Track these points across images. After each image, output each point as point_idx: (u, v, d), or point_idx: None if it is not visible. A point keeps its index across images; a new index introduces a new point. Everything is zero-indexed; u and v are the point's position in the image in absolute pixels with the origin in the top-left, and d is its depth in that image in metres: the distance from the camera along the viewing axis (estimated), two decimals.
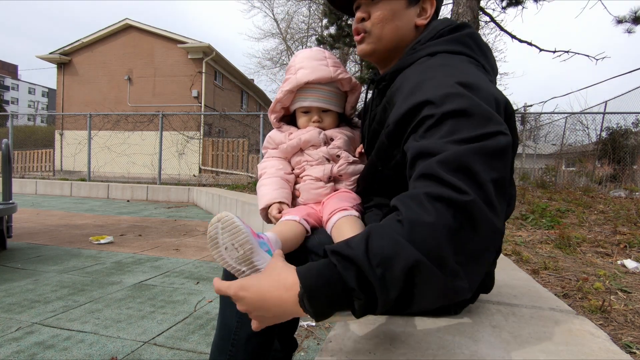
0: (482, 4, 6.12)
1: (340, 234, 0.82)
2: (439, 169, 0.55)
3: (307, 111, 1.02)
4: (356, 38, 0.93)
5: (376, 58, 0.93)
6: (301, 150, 1.02)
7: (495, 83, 0.90)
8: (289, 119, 1.10)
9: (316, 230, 0.93)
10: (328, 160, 1.00)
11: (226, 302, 0.92)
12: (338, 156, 1.00)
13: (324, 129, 1.02)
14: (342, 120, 1.08)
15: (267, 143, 1.10)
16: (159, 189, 8.55)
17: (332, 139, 1.00)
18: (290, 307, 0.56)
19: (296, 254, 0.86)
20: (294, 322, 1.23)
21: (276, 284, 0.58)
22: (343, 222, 0.85)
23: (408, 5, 0.88)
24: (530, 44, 6.15)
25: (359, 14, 0.91)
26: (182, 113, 10.76)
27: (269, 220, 1.02)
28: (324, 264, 0.55)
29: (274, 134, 1.08)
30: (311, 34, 19.29)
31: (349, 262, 0.52)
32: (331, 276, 0.53)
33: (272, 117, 1.08)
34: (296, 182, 1.05)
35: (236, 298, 0.60)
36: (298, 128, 1.06)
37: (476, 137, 0.58)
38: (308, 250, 0.86)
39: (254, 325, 0.62)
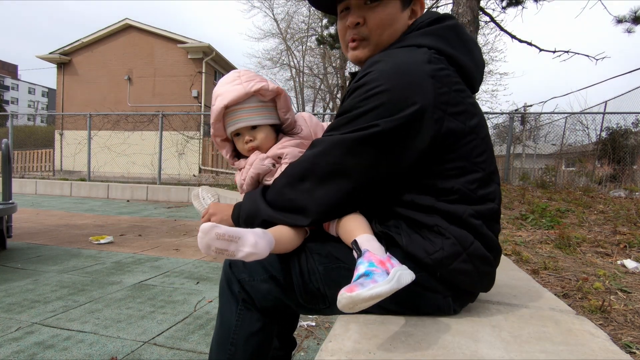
0: (482, 4, 6.12)
1: (346, 230, 0.82)
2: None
3: (239, 134, 0.98)
4: (351, 44, 0.91)
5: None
6: (260, 182, 0.97)
7: (479, 78, 0.91)
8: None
9: (316, 231, 0.93)
10: None
11: (225, 300, 0.92)
12: None
13: (262, 149, 0.97)
14: (280, 131, 1.02)
15: (240, 187, 1.05)
16: (159, 189, 8.55)
17: (279, 157, 0.95)
18: (229, 215, 0.95)
19: (297, 253, 0.86)
20: (294, 321, 1.24)
21: (225, 210, 0.97)
22: (346, 218, 0.85)
23: (402, 9, 0.88)
24: (530, 44, 6.16)
25: (352, 19, 0.88)
26: (182, 113, 10.77)
27: None
28: (239, 207, 0.94)
29: (237, 180, 1.03)
30: (311, 34, 19.31)
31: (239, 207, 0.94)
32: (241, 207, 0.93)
33: (225, 155, 1.04)
34: None
35: (212, 210, 0.97)
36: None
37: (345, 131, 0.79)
38: (308, 250, 0.87)
39: (208, 219, 0.96)
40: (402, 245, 0.80)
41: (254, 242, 0.72)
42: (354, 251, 0.77)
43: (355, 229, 0.81)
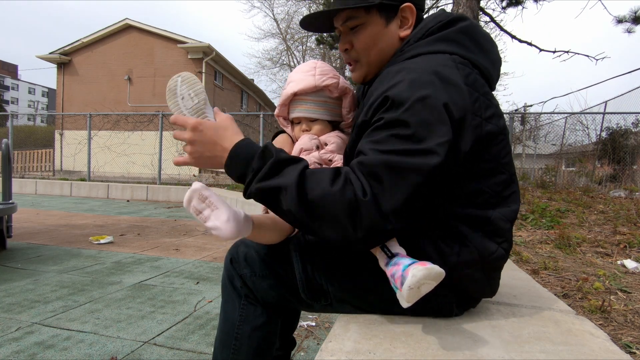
0: (482, 4, 6.12)
1: None
2: (358, 166, 0.69)
3: (298, 121, 1.05)
4: (349, 67, 0.96)
5: (370, 79, 0.94)
6: None
7: (496, 76, 0.89)
8: None
9: None
10: (320, 164, 1.00)
11: (228, 296, 0.92)
12: (331, 160, 1.00)
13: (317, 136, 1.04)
14: (337, 128, 1.08)
15: None
16: (159, 189, 8.55)
17: (325, 144, 1.01)
18: (220, 155, 0.75)
19: (301, 250, 0.86)
20: (294, 321, 1.24)
21: (223, 136, 0.75)
22: None
23: (387, 23, 0.87)
24: (530, 44, 6.15)
25: (341, 46, 0.93)
26: None
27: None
28: (257, 151, 0.73)
29: None
30: (311, 34, 19.28)
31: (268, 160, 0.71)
32: (252, 156, 0.72)
33: (289, 133, 1.10)
34: None
35: (192, 128, 0.74)
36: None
37: (403, 151, 0.67)
38: (313, 246, 0.86)
39: (181, 159, 0.77)
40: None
41: (225, 219, 0.73)
42: (384, 254, 0.74)
43: None
